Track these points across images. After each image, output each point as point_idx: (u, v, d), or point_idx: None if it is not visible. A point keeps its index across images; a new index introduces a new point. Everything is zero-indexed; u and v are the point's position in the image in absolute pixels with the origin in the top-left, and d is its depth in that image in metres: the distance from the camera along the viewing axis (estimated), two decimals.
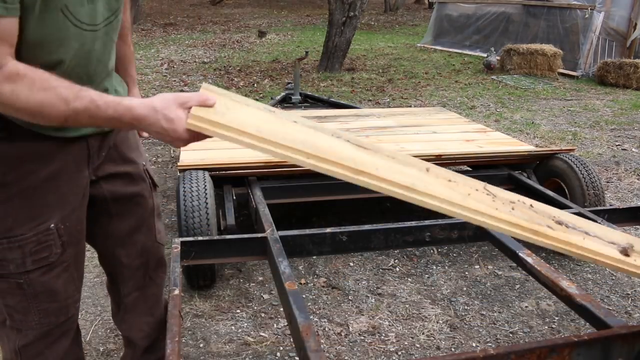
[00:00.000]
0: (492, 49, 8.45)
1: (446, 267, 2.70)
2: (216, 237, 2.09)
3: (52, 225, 1.25)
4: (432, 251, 2.84)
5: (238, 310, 2.32)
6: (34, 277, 1.25)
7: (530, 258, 1.93)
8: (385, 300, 2.40)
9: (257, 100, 6.23)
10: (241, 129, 1.04)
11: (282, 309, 2.22)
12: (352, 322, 2.25)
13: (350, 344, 2.11)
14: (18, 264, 1.23)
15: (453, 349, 2.10)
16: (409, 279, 2.58)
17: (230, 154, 2.84)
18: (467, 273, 2.65)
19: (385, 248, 2.28)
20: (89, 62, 1.20)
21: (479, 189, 1.28)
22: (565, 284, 1.75)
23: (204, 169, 2.52)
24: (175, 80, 7.47)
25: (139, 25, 13.82)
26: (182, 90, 6.83)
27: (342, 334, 2.17)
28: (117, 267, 1.51)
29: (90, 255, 2.75)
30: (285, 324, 2.21)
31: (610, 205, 3.23)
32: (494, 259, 2.78)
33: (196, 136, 1.08)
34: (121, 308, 1.59)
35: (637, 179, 4.01)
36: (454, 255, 2.82)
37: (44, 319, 1.31)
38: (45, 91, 1.01)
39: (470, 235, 2.28)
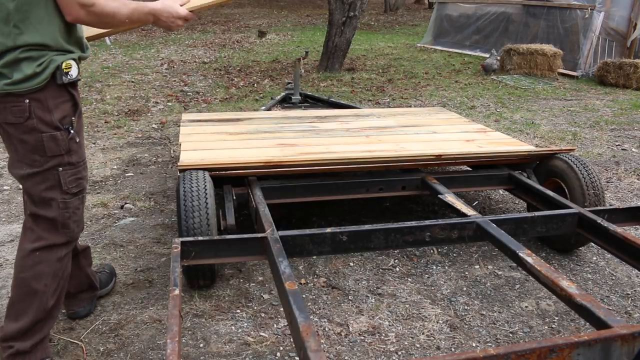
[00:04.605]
0: (493, 50, 8.40)
1: (446, 267, 2.70)
2: (216, 237, 2.09)
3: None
4: (432, 251, 2.84)
5: (238, 310, 2.32)
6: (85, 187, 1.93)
7: (530, 258, 1.93)
8: (385, 300, 2.40)
9: (257, 100, 6.23)
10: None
11: (282, 309, 2.22)
12: (352, 322, 2.25)
13: (350, 344, 2.11)
14: (87, 180, 1.90)
15: (453, 349, 2.10)
16: (409, 279, 2.58)
17: (230, 154, 2.84)
18: (467, 273, 2.65)
19: (385, 248, 2.28)
20: None
21: None
22: (565, 283, 1.75)
23: (204, 169, 2.52)
24: (175, 80, 7.47)
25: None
26: (182, 91, 6.83)
27: (342, 334, 2.17)
28: None
29: (92, 256, 2.75)
30: (285, 324, 2.21)
31: (610, 205, 3.23)
32: (494, 259, 2.78)
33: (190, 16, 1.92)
34: None
35: (637, 179, 4.02)
36: (454, 255, 2.82)
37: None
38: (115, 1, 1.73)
39: (470, 235, 2.28)
